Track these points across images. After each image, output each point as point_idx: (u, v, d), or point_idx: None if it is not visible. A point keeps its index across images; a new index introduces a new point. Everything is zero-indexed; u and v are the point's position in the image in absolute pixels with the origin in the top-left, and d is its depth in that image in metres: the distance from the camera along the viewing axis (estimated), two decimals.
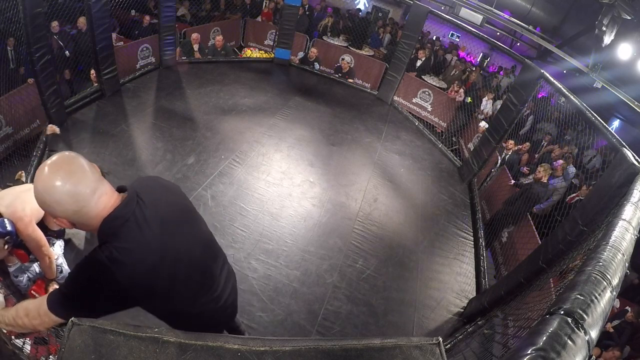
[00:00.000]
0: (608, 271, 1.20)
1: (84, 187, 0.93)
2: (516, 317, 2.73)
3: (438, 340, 1.03)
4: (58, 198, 0.91)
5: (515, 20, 7.74)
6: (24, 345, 1.80)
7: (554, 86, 3.86)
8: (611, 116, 8.40)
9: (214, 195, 3.56)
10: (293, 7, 6.34)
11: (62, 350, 0.94)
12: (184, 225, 1.18)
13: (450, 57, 8.83)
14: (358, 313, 2.92)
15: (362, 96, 6.62)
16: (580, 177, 5.70)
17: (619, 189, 2.26)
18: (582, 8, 7.42)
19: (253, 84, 5.88)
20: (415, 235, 3.89)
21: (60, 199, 0.92)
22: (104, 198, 0.98)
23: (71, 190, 0.92)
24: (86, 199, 0.94)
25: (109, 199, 1.00)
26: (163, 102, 4.84)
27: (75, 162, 0.94)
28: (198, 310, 1.29)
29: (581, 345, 0.89)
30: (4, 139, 3.92)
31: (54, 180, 0.90)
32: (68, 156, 0.95)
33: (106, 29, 4.22)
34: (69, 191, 0.92)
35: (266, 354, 0.95)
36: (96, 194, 0.96)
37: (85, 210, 0.95)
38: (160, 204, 1.11)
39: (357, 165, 4.66)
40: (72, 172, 0.93)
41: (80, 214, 0.95)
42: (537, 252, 2.79)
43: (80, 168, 0.94)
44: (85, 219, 0.97)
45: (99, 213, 0.98)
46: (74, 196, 0.92)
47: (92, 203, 0.95)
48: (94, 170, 0.98)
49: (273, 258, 3.12)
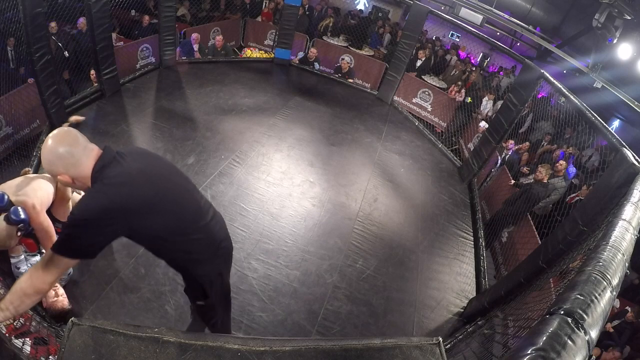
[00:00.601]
0: (608, 271, 1.20)
1: (76, 146, 1.26)
2: (516, 317, 2.73)
3: (438, 340, 1.03)
4: (60, 154, 1.23)
5: (515, 20, 7.73)
6: (23, 345, 1.80)
7: (554, 86, 3.86)
8: (611, 116, 8.40)
9: (214, 195, 3.56)
10: (293, 7, 6.34)
11: (62, 350, 0.94)
12: (159, 161, 1.50)
13: (450, 57, 8.82)
14: (358, 313, 2.92)
15: (362, 96, 6.61)
16: (580, 177, 5.70)
17: (619, 189, 2.25)
18: (582, 8, 7.41)
19: (253, 84, 5.88)
20: (415, 235, 3.88)
21: (61, 155, 1.24)
22: (91, 153, 1.29)
23: (68, 149, 1.24)
24: (79, 154, 1.26)
25: (95, 153, 1.30)
26: (163, 102, 4.84)
27: (70, 132, 1.29)
28: (186, 239, 1.46)
29: (581, 345, 0.89)
30: (4, 139, 3.92)
31: (56, 144, 1.24)
32: (64, 129, 1.31)
33: (106, 29, 4.22)
34: (67, 150, 1.24)
35: (266, 354, 0.95)
36: (86, 150, 1.28)
37: (79, 162, 1.26)
38: (137, 152, 1.44)
39: (357, 165, 4.66)
40: (68, 137, 1.26)
41: (76, 166, 1.25)
42: (537, 252, 2.79)
43: (74, 135, 1.28)
44: (80, 170, 1.26)
45: (89, 164, 1.27)
46: (70, 152, 1.24)
47: (83, 157, 1.26)
48: (84, 137, 1.31)
49: (273, 258, 3.12)
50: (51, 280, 1.27)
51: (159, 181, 1.38)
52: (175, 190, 1.44)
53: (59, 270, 1.27)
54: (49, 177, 2.10)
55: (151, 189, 1.33)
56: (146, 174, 1.35)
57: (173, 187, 1.44)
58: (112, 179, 1.26)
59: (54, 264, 1.25)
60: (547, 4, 8.24)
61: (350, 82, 6.92)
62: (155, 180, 1.37)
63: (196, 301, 1.79)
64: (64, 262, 1.26)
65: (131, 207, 1.27)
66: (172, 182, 1.45)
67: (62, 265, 1.27)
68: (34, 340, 1.92)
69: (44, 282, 1.25)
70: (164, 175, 1.43)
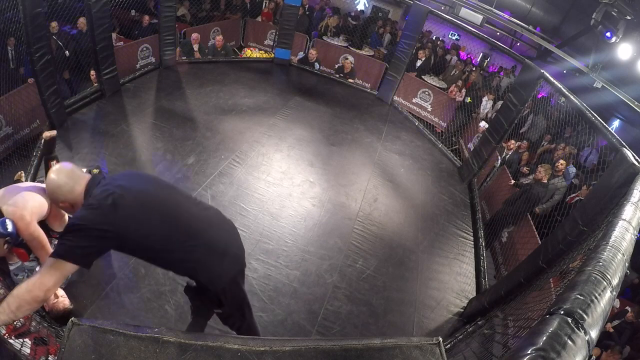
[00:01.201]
0: (608, 271, 1.20)
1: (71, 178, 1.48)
2: (516, 317, 2.73)
3: (438, 340, 1.03)
4: (58, 186, 1.47)
5: (515, 20, 7.73)
6: (22, 346, 1.80)
7: (554, 86, 3.86)
8: (611, 116, 8.40)
9: (214, 195, 3.56)
10: (293, 7, 6.34)
11: (62, 350, 0.94)
12: (147, 178, 1.66)
13: (450, 57, 8.82)
14: (358, 313, 2.92)
15: (362, 96, 6.61)
16: (581, 177, 5.70)
17: (619, 189, 2.25)
18: (582, 8, 7.41)
19: (253, 84, 5.87)
20: (415, 235, 3.88)
21: (59, 186, 1.47)
22: (82, 181, 1.49)
23: (64, 180, 1.47)
24: (73, 183, 1.47)
25: (85, 180, 1.50)
26: (163, 102, 4.84)
27: (66, 167, 1.52)
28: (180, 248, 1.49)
29: (581, 345, 0.89)
30: (4, 139, 3.92)
31: (56, 178, 1.47)
32: (63, 165, 1.54)
33: (106, 29, 4.22)
34: (64, 181, 1.47)
35: (266, 354, 0.95)
36: (78, 179, 1.49)
37: (74, 189, 1.47)
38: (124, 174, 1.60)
39: (357, 165, 4.66)
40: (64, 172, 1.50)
41: (72, 193, 1.47)
42: (537, 252, 2.79)
43: (69, 169, 1.51)
44: (75, 195, 1.47)
45: (80, 189, 1.47)
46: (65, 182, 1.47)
47: (76, 185, 1.47)
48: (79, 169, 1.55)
49: (273, 258, 3.12)
50: (49, 287, 1.29)
51: (142, 194, 1.49)
52: (162, 202, 1.52)
53: (57, 278, 1.31)
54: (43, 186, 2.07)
55: (135, 199, 1.45)
56: (129, 188, 1.48)
57: (158, 198, 1.52)
58: (97, 195, 1.42)
59: (52, 270, 1.30)
60: (547, 4, 8.24)
61: (350, 82, 6.92)
62: (139, 193, 1.48)
63: (213, 309, 1.80)
64: (62, 267, 1.31)
65: (116, 222, 1.37)
66: (157, 195, 1.54)
67: (60, 271, 1.32)
68: (33, 340, 1.91)
69: (42, 290, 1.28)
70: (149, 189, 1.54)
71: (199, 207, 1.63)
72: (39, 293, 1.27)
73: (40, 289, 1.27)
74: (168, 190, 1.62)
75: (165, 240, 1.46)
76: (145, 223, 1.42)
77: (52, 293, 1.34)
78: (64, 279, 1.36)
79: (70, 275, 2.40)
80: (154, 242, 1.45)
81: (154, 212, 1.46)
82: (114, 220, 1.37)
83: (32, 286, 1.27)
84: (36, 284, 1.27)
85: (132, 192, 1.46)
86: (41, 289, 1.27)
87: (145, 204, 1.46)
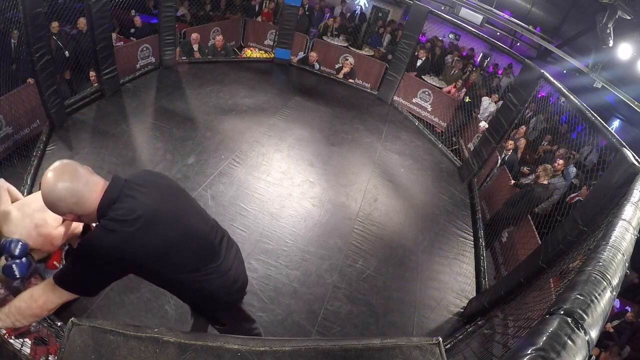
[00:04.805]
0: (608, 271, 1.20)
1: (77, 182, 1.14)
2: (516, 317, 2.73)
3: (438, 340, 1.03)
4: (61, 194, 1.12)
5: (515, 20, 7.73)
6: (22, 346, 1.80)
7: (554, 86, 3.86)
8: (611, 116, 8.40)
9: (214, 195, 3.56)
10: (293, 7, 6.34)
11: (62, 350, 0.94)
12: (172, 195, 1.35)
13: (449, 58, 8.82)
14: (358, 313, 2.92)
15: (362, 96, 6.61)
16: (581, 177, 5.70)
17: (619, 189, 2.25)
18: (582, 8, 7.41)
19: (253, 84, 5.87)
20: (415, 235, 3.88)
21: (62, 195, 1.12)
22: (96, 187, 1.18)
23: (68, 186, 1.12)
24: (81, 190, 1.14)
25: (99, 187, 1.19)
26: (163, 102, 4.83)
27: (69, 165, 1.16)
28: (199, 280, 1.36)
29: (581, 345, 0.89)
30: (4, 139, 3.92)
31: (56, 181, 1.11)
32: (63, 162, 1.16)
33: (106, 29, 4.21)
34: (67, 187, 1.12)
35: (266, 354, 0.95)
36: (88, 185, 1.16)
37: (83, 199, 1.15)
38: (148, 181, 1.29)
39: (357, 165, 4.66)
40: (67, 172, 1.14)
41: (79, 205, 1.15)
42: (537, 252, 2.79)
43: (73, 169, 1.15)
44: (85, 207, 1.16)
45: (94, 200, 1.16)
46: (71, 189, 1.12)
47: (86, 192, 1.15)
48: (85, 168, 1.19)
49: (273, 258, 3.12)
50: (50, 308, 1.23)
51: (170, 219, 1.26)
52: (188, 232, 1.31)
53: (58, 301, 1.23)
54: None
55: (162, 232, 1.22)
56: (156, 209, 1.22)
57: (185, 230, 1.30)
58: (118, 219, 1.14)
59: (53, 294, 1.20)
60: (547, 4, 8.24)
61: (350, 82, 6.92)
62: (166, 217, 1.25)
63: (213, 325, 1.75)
64: (64, 294, 1.21)
65: (137, 252, 1.19)
66: (185, 223, 1.31)
67: (61, 297, 1.22)
68: (33, 340, 1.92)
69: (42, 309, 1.22)
70: (176, 209, 1.30)
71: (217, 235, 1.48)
72: (39, 312, 1.23)
73: (42, 308, 1.21)
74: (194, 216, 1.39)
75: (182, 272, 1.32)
76: (167, 258, 1.25)
77: (52, 311, 1.27)
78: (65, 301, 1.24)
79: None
80: (172, 274, 1.30)
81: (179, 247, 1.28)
82: (134, 250, 1.18)
83: (34, 303, 1.20)
84: (39, 302, 1.20)
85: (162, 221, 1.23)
86: (43, 308, 1.22)
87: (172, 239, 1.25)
